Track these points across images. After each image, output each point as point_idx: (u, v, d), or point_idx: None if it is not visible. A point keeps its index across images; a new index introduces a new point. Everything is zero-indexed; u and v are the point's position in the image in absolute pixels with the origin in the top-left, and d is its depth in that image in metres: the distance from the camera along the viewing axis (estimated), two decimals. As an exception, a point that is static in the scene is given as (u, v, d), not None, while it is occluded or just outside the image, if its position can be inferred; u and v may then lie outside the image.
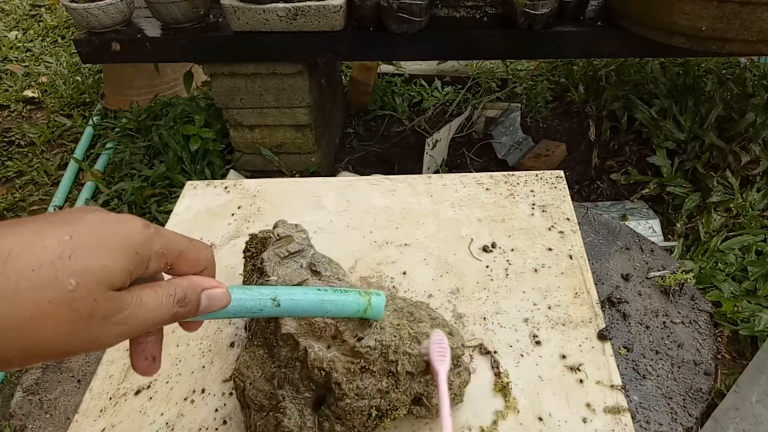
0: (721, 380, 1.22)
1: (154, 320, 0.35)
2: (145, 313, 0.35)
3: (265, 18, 1.57)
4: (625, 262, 0.88)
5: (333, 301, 0.45)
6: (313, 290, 0.45)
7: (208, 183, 0.91)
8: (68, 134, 2.42)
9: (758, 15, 1.30)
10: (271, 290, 0.42)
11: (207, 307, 0.39)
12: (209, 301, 0.39)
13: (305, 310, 0.44)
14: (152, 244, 0.36)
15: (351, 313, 0.47)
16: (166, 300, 0.36)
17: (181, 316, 0.37)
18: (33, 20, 3.41)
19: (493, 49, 1.64)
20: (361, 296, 0.47)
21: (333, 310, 0.45)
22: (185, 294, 0.37)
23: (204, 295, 0.38)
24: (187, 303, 0.37)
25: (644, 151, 1.90)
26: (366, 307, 0.48)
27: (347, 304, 0.46)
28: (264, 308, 0.41)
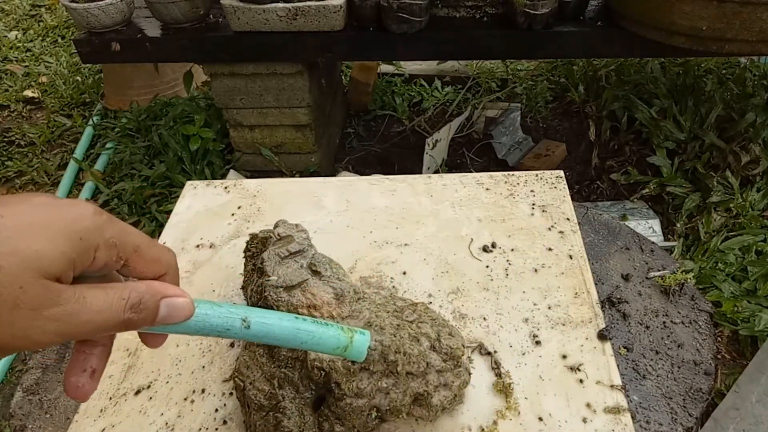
0: (721, 380, 1.22)
1: (99, 324, 0.31)
2: (89, 314, 0.30)
3: (265, 18, 1.57)
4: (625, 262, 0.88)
5: (310, 332, 0.41)
6: (290, 317, 0.41)
7: (208, 183, 0.91)
8: (68, 134, 2.42)
9: (758, 15, 1.30)
10: (242, 310, 0.38)
11: (165, 318, 0.34)
12: (168, 311, 0.34)
13: (277, 337, 0.40)
14: (102, 231, 0.32)
15: (329, 349, 0.43)
16: (117, 303, 0.32)
17: (134, 324, 0.33)
18: (33, 20, 3.41)
19: (493, 49, 1.64)
20: (344, 332, 0.44)
21: (309, 342, 0.41)
22: (141, 299, 0.33)
23: (164, 304, 0.34)
24: (142, 310, 0.33)
25: (644, 151, 1.90)
26: (347, 345, 0.44)
27: (325, 339, 0.42)
28: (231, 328, 0.37)
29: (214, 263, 0.76)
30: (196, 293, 0.72)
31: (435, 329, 0.53)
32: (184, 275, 0.75)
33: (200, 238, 0.80)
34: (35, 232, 0.29)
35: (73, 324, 0.30)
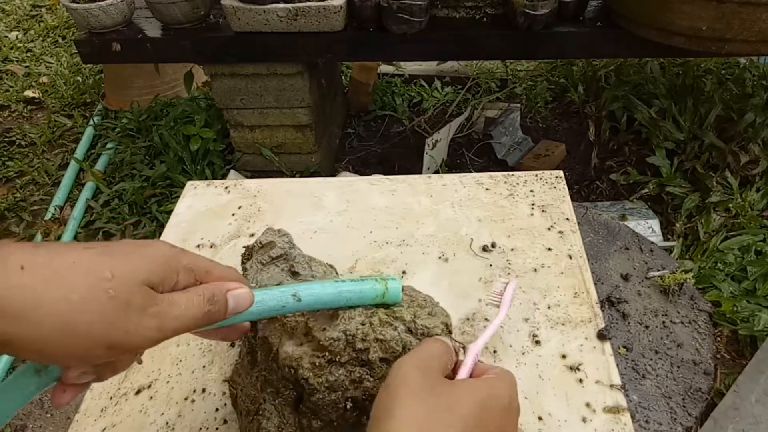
0: (721, 380, 1.22)
1: (188, 317, 0.38)
2: (178, 309, 0.37)
3: (265, 18, 1.58)
4: (625, 262, 0.88)
5: (351, 290, 0.47)
6: (331, 283, 0.47)
7: (208, 183, 0.91)
8: (69, 134, 2.42)
9: (758, 15, 1.30)
10: (290, 288, 0.45)
11: (235, 307, 0.41)
12: (235, 301, 0.41)
13: (326, 301, 0.46)
14: (180, 259, 0.39)
15: (370, 300, 0.49)
16: (197, 299, 0.39)
17: (213, 315, 0.39)
18: (34, 20, 3.42)
19: (493, 49, 1.65)
20: (378, 282, 0.49)
21: (353, 299, 0.47)
22: (213, 293, 0.40)
23: (230, 295, 0.41)
24: (216, 302, 0.40)
25: (644, 151, 1.90)
26: (384, 291, 0.49)
27: (365, 292, 0.48)
28: (286, 304, 0.44)
29: (215, 263, 0.76)
30: (197, 293, 0.72)
31: (411, 310, 0.52)
32: (185, 275, 0.75)
33: (201, 238, 0.80)
34: (132, 255, 0.37)
35: (168, 319, 0.37)
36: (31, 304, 0.31)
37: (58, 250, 0.34)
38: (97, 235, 1.86)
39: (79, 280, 0.33)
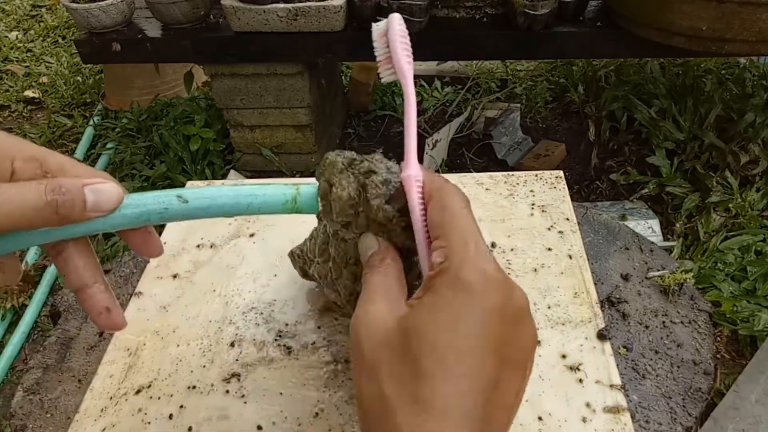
0: (721, 380, 1.22)
1: (19, 203, 0.30)
2: (5, 195, 0.30)
3: (265, 18, 1.58)
4: (625, 262, 0.88)
5: (253, 193, 0.40)
6: (230, 185, 0.41)
7: (208, 183, 0.91)
8: (69, 134, 2.42)
9: (758, 15, 1.30)
10: (175, 190, 0.38)
11: (96, 204, 0.33)
12: (96, 196, 0.33)
13: (221, 205, 0.39)
14: (21, 145, 0.32)
15: (278, 207, 0.42)
16: (35, 186, 0.31)
17: (61, 207, 0.31)
18: (33, 20, 3.41)
19: (493, 49, 1.65)
20: (287, 187, 0.42)
21: (255, 203, 0.40)
22: (60, 184, 0.32)
23: (88, 189, 0.33)
24: (65, 192, 0.32)
25: (644, 151, 1.90)
26: (294, 196, 0.42)
27: (270, 196, 0.41)
28: (169, 207, 0.37)
29: (215, 263, 0.76)
30: (198, 293, 0.72)
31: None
32: (185, 275, 0.75)
33: (201, 238, 0.80)
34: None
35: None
36: None
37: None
38: (97, 234, 1.86)
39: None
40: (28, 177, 0.32)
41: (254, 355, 0.64)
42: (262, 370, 0.62)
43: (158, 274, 0.75)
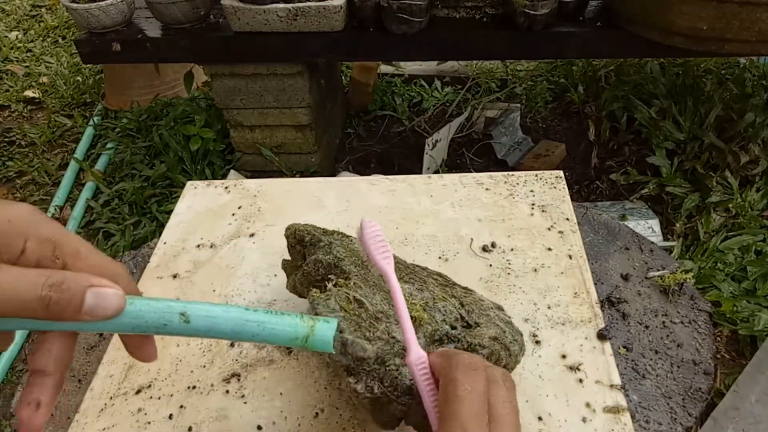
0: (721, 380, 1.22)
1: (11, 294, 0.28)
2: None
3: (265, 18, 1.58)
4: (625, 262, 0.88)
5: (261, 323, 0.38)
6: (238, 308, 0.38)
7: (208, 183, 0.91)
8: (69, 134, 2.42)
9: (757, 15, 1.30)
10: (181, 305, 0.36)
11: (93, 308, 0.31)
12: (96, 301, 0.31)
13: (223, 330, 0.37)
14: (37, 224, 0.31)
15: (285, 341, 0.39)
16: (35, 277, 0.29)
17: (54, 305, 0.30)
18: (33, 20, 3.41)
19: (493, 49, 1.65)
20: (302, 321, 0.40)
21: (261, 334, 0.38)
22: (64, 279, 0.30)
23: (90, 292, 0.31)
24: (64, 290, 0.30)
25: (644, 151, 1.90)
26: (306, 335, 0.39)
27: (280, 329, 0.38)
28: (169, 323, 0.35)
29: (215, 263, 0.76)
30: (198, 293, 0.72)
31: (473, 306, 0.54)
32: (185, 275, 0.75)
33: (201, 238, 0.80)
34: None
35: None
36: None
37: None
38: (97, 235, 1.86)
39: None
40: (35, 259, 0.30)
41: (254, 355, 0.64)
42: (262, 370, 0.62)
43: (158, 274, 0.75)
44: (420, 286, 0.56)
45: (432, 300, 0.54)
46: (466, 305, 0.55)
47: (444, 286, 0.58)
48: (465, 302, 0.56)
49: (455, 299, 0.56)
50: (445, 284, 0.59)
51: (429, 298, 0.54)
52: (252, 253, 0.77)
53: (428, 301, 0.53)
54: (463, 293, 0.58)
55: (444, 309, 0.53)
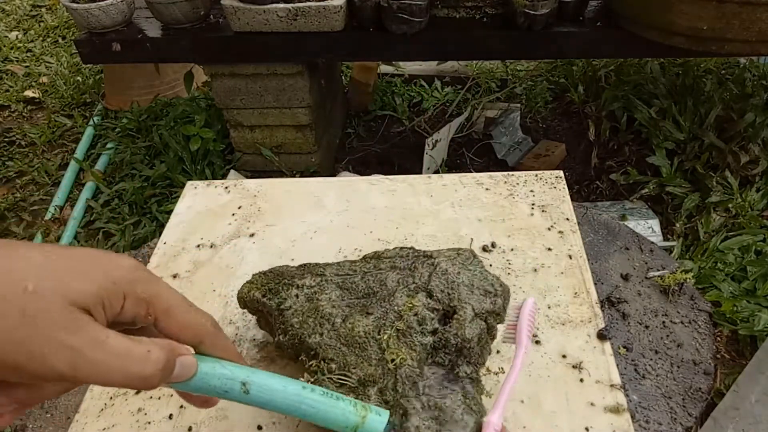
0: (721, 380, 1.22)
1: (114, 368, 0.30)
2: (105, 353, 0.30)
3: (265, 18, 1.58)
4: (625, 262, 0.88)
5: (315, 405, 0.39)
6: (296, 385, 0.39)
7: (208, 183, 0.91)
8: (69, 134, 2.42)
9: (757, 15, 1.30)
10: (246, 374, 0.37)
11: (177, 377, 0.34)
12: (180, 370, 0.34)
13: (278, 406, 0.39)
14: (135, 283, 0.32)
15: (335, 425, 0.41)
16: (139, 353, 0.31)
17: (149, 381, 0.32)
18: (33, 20, 3.41)
19: (493, 49, 1.65)
20: (355, 410, 0.41)
21: (312, 416, 0.39)
22: (167, 357, 0.32)
23: (178, 362, 0.33)
24: (165, 368, 0.32)
25: (644, 151, 1.90)
26: (356, 425, 0.40)
27: (332, 414, 0.40)
28: (230, 391, 0.37)
29: (215, 263, 0.76)
30: (197, 293, 0.72)
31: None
32: (185, 275, 0.75)
33: (201, 238, 0.80)
34: (74, 268, 0.30)
35: (87, 359, 0.29)
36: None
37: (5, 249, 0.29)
38: (97, 235, 1.86)
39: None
40: (131, 317, 0.32)
41: (254, 355, 0.64)
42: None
43: (158, 274, 0.75)
44: (385, 306, 0.55)
45: (401, 318, 0.54)
46: (434, 293, 0.56)
47: (406, 285, 0.57)
48: (432, 288, 0.56)
49: (422, 293, 0.56)
50: (406, 276, 0.58)
51: (397, 317, 0.54)
52: (252, 253, 0.77)
53: (399, 322, 0.53)
54: (427, 273, 0.57)
55: (418, 316, 0.54)
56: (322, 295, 0.57)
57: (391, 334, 0.53)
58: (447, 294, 0.55)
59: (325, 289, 0.58)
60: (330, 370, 0.51)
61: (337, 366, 0.51)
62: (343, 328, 0.54)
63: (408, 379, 0.50)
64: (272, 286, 0.59)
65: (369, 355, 0.51)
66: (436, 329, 0.54)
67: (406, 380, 0.50)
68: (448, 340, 0.52)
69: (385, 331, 0.53)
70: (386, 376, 0.50)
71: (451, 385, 0.53)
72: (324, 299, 0.57)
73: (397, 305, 0.55)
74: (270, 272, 0.61)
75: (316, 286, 0.58)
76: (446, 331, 0.53)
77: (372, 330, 0.53)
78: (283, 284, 0.59)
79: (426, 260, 0.59)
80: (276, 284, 0.59)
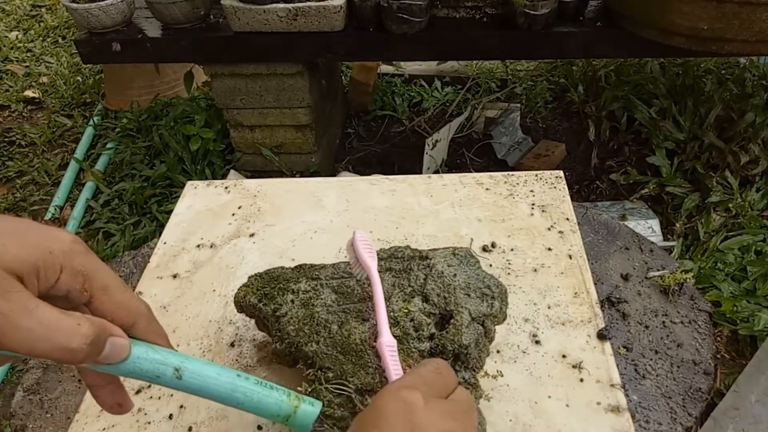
0: (721, 380, 1.22)
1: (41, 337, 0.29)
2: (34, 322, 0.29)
3: (265, 18, 1.58)
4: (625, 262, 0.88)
5: (248, 394, 0.39)
6: (231, 374, 0.39)
7: (208, 183, 0.91)
8: (69, 134, 2.42)
9: (757, 15, 1.30)
10: (179, 359, 0.37)
11: (107, 356, 0.33)
12: (111, 350, 0.33)
13: (211, 393, 0.39)
14: (73, 255, 0.32)
15: (267, 414, 0.41)
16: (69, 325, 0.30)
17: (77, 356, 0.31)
18: (33, 20, 3.41)
19: (493, 49, 1.65)
20: (288, 399, 0.41)
21: (246, 403, 0.40)
22: (96, 333, 0.31)
23: (109, 341, 0.33)
24: (93, 343, 0.31)
25: (644, 151, 1.90)
26: (289, 414, 0.41)
27: (264, 403, 0.40)
28: (161, 376, 0.37)
29: (215, 263, 0.76)
30: (197, 293, 0.72)
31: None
32: (185, 275, 0.75)
33: (201, 238, 0.80)
34: (9, 234, 0.30)
35: (14, 325, 0.28)
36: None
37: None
38: (97, 235, 1.86)
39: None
40: (66, 290, 0.32)
41: (254, 355, 0.64)
42: (261, 371, 0.62)
43: (158, 274, 0.75)
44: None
45: (397, 324, 0.53)
46: (429, 296, 0.55)
47: (401, 287, 0.56)
48: (428, 292, 0.55)
49: (418, 297, 0.55)
50: (402, 279, 0.57)
51: (393, 323, 0.53)
52: (252, 253, 0.77)
53: (395, 329, 0.52)
54: (423, 276, 0.57)
55: (414, 322, 0.53)
56: (318, 300, 0.56)
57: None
58: (443, 298, 0.55)
59: (321, 293, 0.57)
60: (327, 380, 0.51)
61: (334, 375, 0.51)
62: (339, 336, 0.53)
63: None
64: (268, 290, 0.58)
65: (366, 363, 0.51)
66: (433, 334, 0.53)
67: None
68: (446, 346, 0.52)
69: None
70: (384, 384, 0.50)
71: None
72: (319, 305, 0.56)
73: (393, 311, 0.54)
74: (266, 275, 0.60)
75: (312, 291, 0.57)
76: (443, 336, 0.52)
77: (368, 337, 0.52)
78: (278, 289, 0.58)
79: (421, 261, 0.59)
80: (271, 289, 0.58)
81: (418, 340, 0.52)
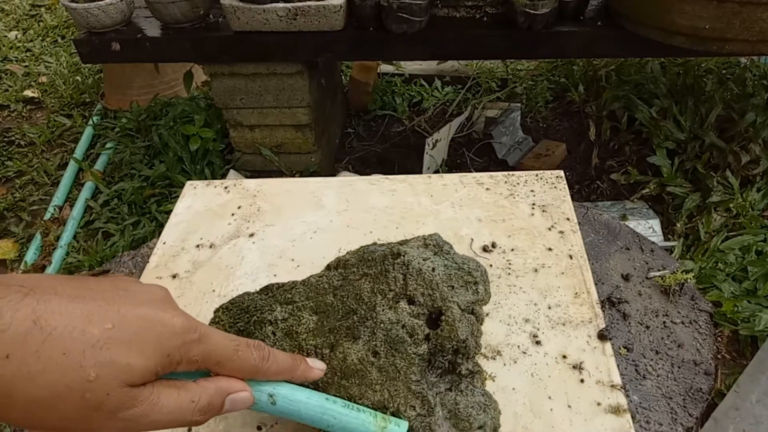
0: (721, 380, 1.22)
1: (166, 423, 0.34)
2: (158, 414, 0.33)
3: (265, 18, 1.57)
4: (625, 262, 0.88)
5: (337, 416, 0.42)
6: (319, 397, 0.42)
7: (208, 183, 0.90)
8: (68, 134, 2.42)
9: (758, 15, 1.30)
10: (271, 386, 0.40)
11: (227, 411, 0.37)
12: (231, 405, 0.37)
13: (302, 416, 0.41)
14: (188, 349, 0.35)
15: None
16: (187, 405, 0.35)
17: (198, 423, 0.36)
18: (33, 20, 3.41)
19: (493, 49, 1.64)
20: (375, 420, 0.44)
21: (335, 426, 0.42)
22: (210, 402, 0.36)
23: (228, 399, 0.37)
24: (209, 411, 0.36)
25: (644, 151, 1.90)
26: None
27: (353, 424, 0.43)
28: (258, 402, 0.40)
29: (214, 263, 0.76)
30: (197, 293, 0.72)
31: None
32: (184, 275, 0.75)
33: (200, 238, 0.80)
34: (132, 345, 0.32)
35: (140, 423, 0.33)
36: (3, 390, 0.29)
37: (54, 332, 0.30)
38: (96, 235, 1.86)
39: (60, 379, 0.30)
40: (184, 371, 0.35)
41: (254, 355, 0.64)
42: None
43: (158, 274, 0.75)
44: (370, 325, 0.52)
45: (389, 335, 0.51)
46: (414, 297, 0.53)
47: (382, 293, 0.54)
48: (411, 293, 0.53)
49: (403, 300, 0.53)
50: (380, 283, 0.54)
51: (385, 335, 0.51)
52: (251, 253, 0.77)
53: (387, 344, 0.51)
54: (401, 276, 0.54)
55: (406, 328, 0.51)
56: (300, 326, 0.53)
57: (387, 355, 0.51)
58: (428, 296, 0.53)
59: (301, 318, 0.53)
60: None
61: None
62: (335, 360, 0.50)
63: (418, 395, 0.49)
64: (242, 325, 0.54)
65: (371, 381, 0.49)
66: (428, 335, 0.52)
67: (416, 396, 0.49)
68: (444, 345, 0.51)
69: (379, 355, 0.50)
70: (395, 398, 0.48)
71: (457, 387, 0.52)
72: (303, 331, 0.52)
73: (382, 321, 0.51)
74: (233, 306, 0.56)
75: (290, 317, 0.53)
76: (439, 335, 0.51)
77: (365, 354, 0.50)
78: (253, 323, 0.54)
79: (395, 260, 0.55)
80: (246, 323, 0.54)
81: (415, 344, 0.51)
